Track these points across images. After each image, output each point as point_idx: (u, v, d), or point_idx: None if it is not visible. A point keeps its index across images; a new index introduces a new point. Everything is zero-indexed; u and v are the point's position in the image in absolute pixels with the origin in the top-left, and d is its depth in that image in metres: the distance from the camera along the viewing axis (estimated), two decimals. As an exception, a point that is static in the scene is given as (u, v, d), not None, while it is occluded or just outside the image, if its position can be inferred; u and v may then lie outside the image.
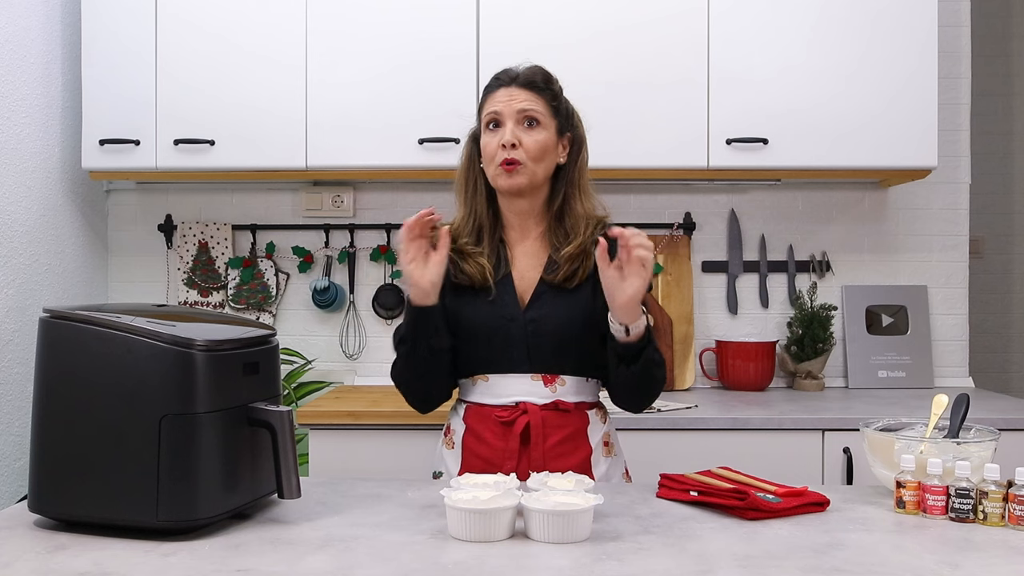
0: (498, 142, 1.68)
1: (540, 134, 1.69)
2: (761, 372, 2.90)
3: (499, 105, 1.70)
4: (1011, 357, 3.77)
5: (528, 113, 1.69)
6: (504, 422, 1.69)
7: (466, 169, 1.78)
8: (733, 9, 2.69)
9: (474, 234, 1.75)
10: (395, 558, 1.24)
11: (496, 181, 1.71)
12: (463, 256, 1.72)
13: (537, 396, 1.69)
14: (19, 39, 2.62)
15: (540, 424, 1.67)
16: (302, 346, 3.07)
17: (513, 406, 1.70)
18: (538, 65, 1.75)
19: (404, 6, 2.72)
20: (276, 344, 1.52)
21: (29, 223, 2.66)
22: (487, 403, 1.72)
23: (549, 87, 1.73)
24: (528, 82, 1.71)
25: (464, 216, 1.76)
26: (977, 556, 1.25)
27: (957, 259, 3.08)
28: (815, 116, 2.68)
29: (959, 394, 1.60)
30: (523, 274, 1.74)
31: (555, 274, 1.70)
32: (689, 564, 1.21)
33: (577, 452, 1.71)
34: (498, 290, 1.71)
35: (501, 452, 1.68)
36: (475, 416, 1.73)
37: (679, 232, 3.05)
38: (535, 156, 1.68)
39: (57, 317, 1.35)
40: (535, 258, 1.75)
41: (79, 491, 1.32)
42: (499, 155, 1.68)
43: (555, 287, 1.71)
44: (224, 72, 2.73)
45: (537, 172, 1.70)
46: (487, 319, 1.69)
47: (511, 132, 1.67)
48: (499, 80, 1.73)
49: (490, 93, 1.73)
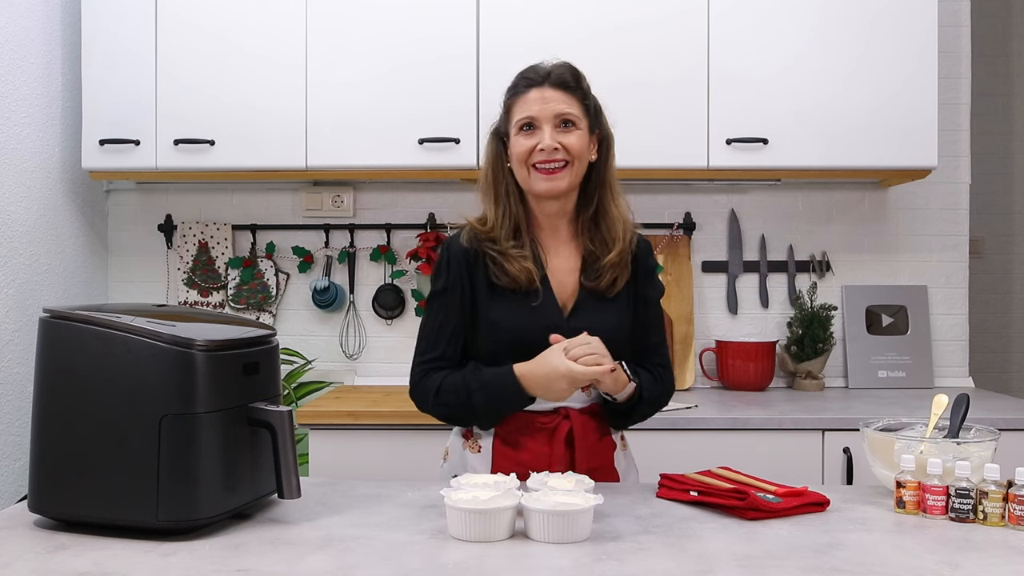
0: (534, 146, 1.64)
1: (577, 134, 1.65)
2: (761, 372, 2.90)
3: (534, 108, 1.65)
4: (1011, 357, 3.77)
5: (564, 116, 1.65)
6: (546, 428, 1.67)
7: (494, 169, 1.71)
8: (733, 9, 2.69)
9: (511, 235, 1.68)
10: (395, 558, 1.24)
11: (532, 185, 1.66)
12: (506, 257, 1.66)
13: (576, 401, 1.69)
14: (19, 39, 2.62)
15: (581, 428, 1.67)
16: (302, 346, 3.07)
17: (554, 412, 1.68)
18: (566, 62, 1.70)
19: (404, 6, 2.72)
20: (276, 344, 1.52)
21: (29, 223, 2.66)
22: (528, 410, 1.67)
23: (580, 86, 1.68)
24: (560, 82, 1.66)
25: (500, 216, 1.69)
26: (977, 556, 1.25)
27: (957, 259, 3.08)
28: (815, 116, 2.68)
29: (959, 394, 1.60)
30: (560, 279, 1.70)
31: (596, 281, 1.68)
32: (689, 564, 1.21)
33: (606, 452, 1.72)
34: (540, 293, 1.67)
35: (545, 458, 1.65)
36: (510, 422, 1.68)
37: (679, 232, 3.05)
38: (578, 155, 1.65)
39: (57, 317, 1.35)
40: (569, 261, 1.72)
41: (79, 491, 1.32)
42: (534, 157, 1.64)
43: (595, 295, 1.69)
44: (224, 72, 2.73)
45: (579, 173, 1.67)
46: (530, 328, 1.64)
47: (550, 136, 1.63)
48: (530, 80, 1.67)
49: (521, 94, 1.67)
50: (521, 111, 1.66)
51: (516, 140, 1.67)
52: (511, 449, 1.67)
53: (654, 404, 1.73)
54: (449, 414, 1.70)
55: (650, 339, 1.76)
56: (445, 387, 1.66)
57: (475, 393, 1.63)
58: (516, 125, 1.67)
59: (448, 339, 1.69)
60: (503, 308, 1.66)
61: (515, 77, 1.71)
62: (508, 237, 1.67)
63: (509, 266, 1.65)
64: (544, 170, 1.64)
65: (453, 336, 1.69)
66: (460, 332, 1.69)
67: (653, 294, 1.77)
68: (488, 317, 1.66)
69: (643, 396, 1.68)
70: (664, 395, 1.75)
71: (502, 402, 1.64)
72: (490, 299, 1.67)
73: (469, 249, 1.69)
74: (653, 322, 1.77)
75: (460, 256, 1.69)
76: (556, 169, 1.64)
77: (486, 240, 1.68)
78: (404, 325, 3.06)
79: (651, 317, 1.76)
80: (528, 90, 1.67)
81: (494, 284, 1.67)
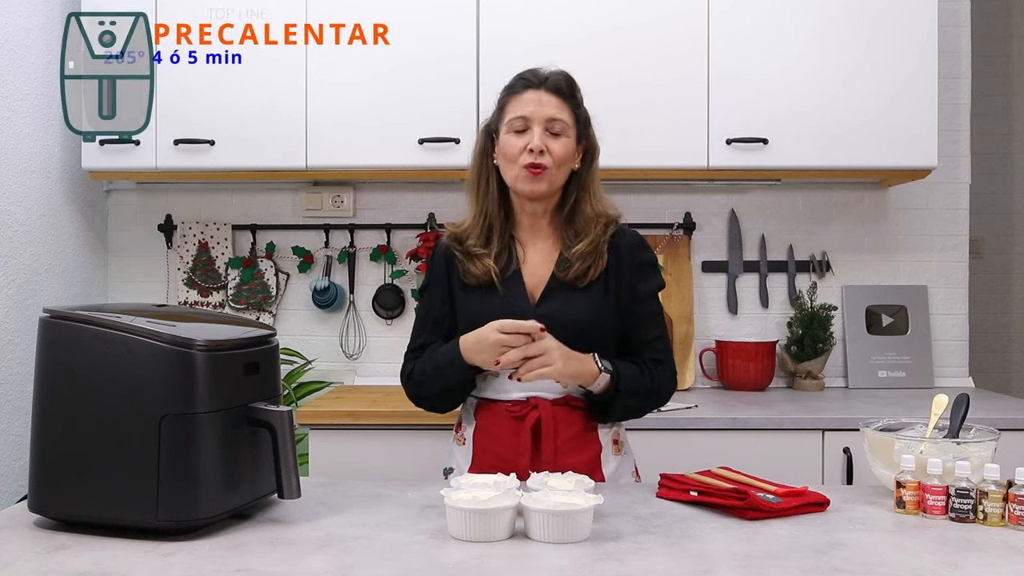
0: (524, 145, 1.68)
1: (564, 142, 1.70)
2: (761, 372, 2.90)
3: (528, 108, 1.70)
4: (1011, 357, 3.77)
5: (556, 120, 1.69)
6: (515, 417, 1.69)
7: (479, 165, 1.78)
8: (733, 9, 2.69)
9: (483, 235, 1.76)
10: (395, 558, 1.24)
11: (517, 184, 1.71)
12: (470, 258, 1.74)
13: (548, 391, 1.70)
14: (19, 39, 2.61)
15: (551, 419, 1.68)
16: (302, 346, 3.07)
17: (524, 401, 1.70)
18: (564, 71, 1.75)
19: (405, 6, 2.72)
20: (276, 344, 1.52)
21: (29, 223, 2.66)
22: (498, 398, 1.73)
23: (574, 95, 1.74)
24: (556, 88, 1.71)
25: (475, 215, 1.77)
26: (977, 556, 1.25)
27: (957, 259, 3.08)
28: (815, 116, 2.68)
29: (959, 394, 1.60)
30: (533, 271, 1.75)
31: (566, 271, 1.71)
32: (689, 564, 1.21)
33: (587, 449, 1.72)
34: (508, 287, 1.72)
35: (513, 448, 1.68)
36: (486, 412, 1.74)
37: (679, 232, 3.05)
38: (560, 162, 1.70)
39: (57, 317, 1.35)
40: (546, 255, 1.76)
41: (79, 491, 1.32)
42: (524, 158, 1.68)
43: (566, 284, 1.72)
44: (224, 72, 2.73)
45: (558, 178, 1.72)
46: (497, 315, 1.67)
47: (539, 137, 1.68)
48: (527, 81, 1.73)
49: (516, 94, 1.72)
50: (515, 110, 1.71)
51: (507, 138, 1.71)
52: (488, 441, 1.73)
53: (641, 397, 1.71)
54: (418, 392, 1.77)
55: (643, 334, 1.75)
56: (415, 371, 1.77)
57: (428, 371, 1.73)
58: (508, 123, 1.72)
59: (430, 329, 1.79)
60: (473, 301, 1.73)
61: (513, 77, 1.76)
62: (477, 236, 1.75)
63: (472, 266, 1.73)
64: (531, 170, 1.68)
65: (434, 326, 1.79)
66: (442, 322, 1.78)
67: (645, 288, 1.76)
68: (462, 310, 1.75)
69: (620, 388, 1.67)
70: (655, 390, 1.73)
71: (446, 374, 1.70)
72: (463, 294, 1.75)
73: (447, 249, 1.78)
74: (646, 317, 1.76)
75: (441, 255, 1.80)
76: (539, 171, 1.68)
77: (454, 241, 1.77)
78: (404, 325, 3.05)
79: (643, 312, 1.76)
80: (524, 91, 1.72)
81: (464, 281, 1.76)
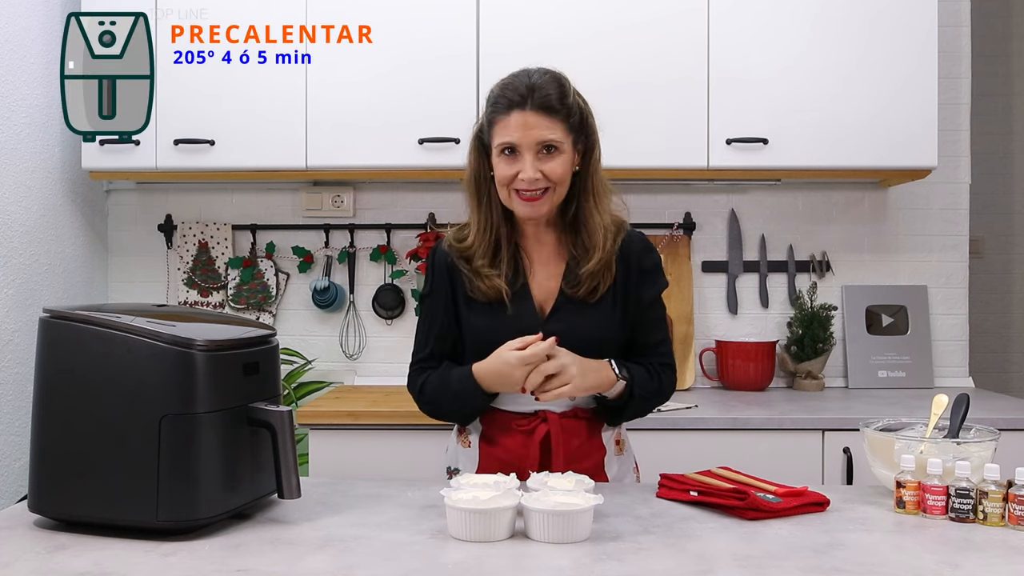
0: (515, 173, 1.61)
1: (560, 160, 1.62)
2: (761, 372, 2.90)
3: (515, 135, 1.60)
4: (1011, 357, 3.77)
5: (547, 142, 1.60)
6: (524, 431, 1.68)
7: (476, 178, 1.70)
8: (733, 9, 2.69)
9: (490, 251, 1.69)
10: (395, 558, 1.24)
11: (515, 209, 1.65)
12: (478, 276, 1.67)
13: (557, 405, 1.68)
14: (19, 39, 2.61)
15: (560, 432, 1.66)
16: (302, 346, 3.07)
17: (532, 415, 1.68)
18: (549, 74, 1.64)
19: (404, 6, 2.72)
20: (276, 344, 1.52)
21: (29, 223, 2.65)
22: (507, 410, 1.70)
23: (564, 104, 1.62)
24: (543, 105, 1.60)
25: (479, 230, 1.69)
26: (977, 556, 1.25)
27: (957, 259, 3.08)
28: (815, 116, 2.68)
29: (959, 394, 1.60)
30: (541, 283, 1.71)
31: (576, 288, 1.67)
32: (689, 564, 1.21)
33: (593, 455, 1.71)
34: (517, 301, 1.68)
35: (522, 458, 1.66)
36: (493, 421, 1.71)
37: (679, 232, 3.05)
38: (559, 181, 1.62)
39: (57, 317, 1.35)
40: (552, 267, 1.72)
41: (79, 491, 1.32)
42: (516, 184, 1.62)
43: (576, 300, 1.68)
44: (224, 72, 2.73)
45: (559, 195, 1.65)
46: (507, 331, 1.64)
47: (531, 166, 1.59)
48: (511, 102, 1.61)
49: (502, 115, 1.62)
50: (502, 135, 1.62)
51: (497, 163, 1.64)
52: (493, 447, 1.71)
53: (649, 401, 1.72)
54: (433, 411, 1.75)
55: (650, 338, 1.74)
56: (427, 387, 1.72)
57: (445, 394, 1.70)
58: (497, 147, 1.63)
59: (436, 339, 1.75)
60: (482, 320, 1.69)
61: (497, 88, 1.66)
62: (484, 254, 1.68)
63: (480, 284, 1.68)
64: (525, 196, 1.62)
65: (440, 336, 1.74)
66: (447, 333, 1.74)
67: (650, 293, 1.73)
68: (468, 323, 1.71)
69: (634, 393, 1.67)
70: (661, 392, 1.74)
71: (466, 402, 1.69)
72: (468, 307, 1.70)
73: (450, 260, 1.72)
74: (652, 321, 1.75)
75: (443, 263, 1.73)
76: (537, 196, 1.62)
77: (460, 258, 1.70)
78: (404, 325, 3.06)
79: (649, 316, 1.74)
80: (510, 112, 1.61)
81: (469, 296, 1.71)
